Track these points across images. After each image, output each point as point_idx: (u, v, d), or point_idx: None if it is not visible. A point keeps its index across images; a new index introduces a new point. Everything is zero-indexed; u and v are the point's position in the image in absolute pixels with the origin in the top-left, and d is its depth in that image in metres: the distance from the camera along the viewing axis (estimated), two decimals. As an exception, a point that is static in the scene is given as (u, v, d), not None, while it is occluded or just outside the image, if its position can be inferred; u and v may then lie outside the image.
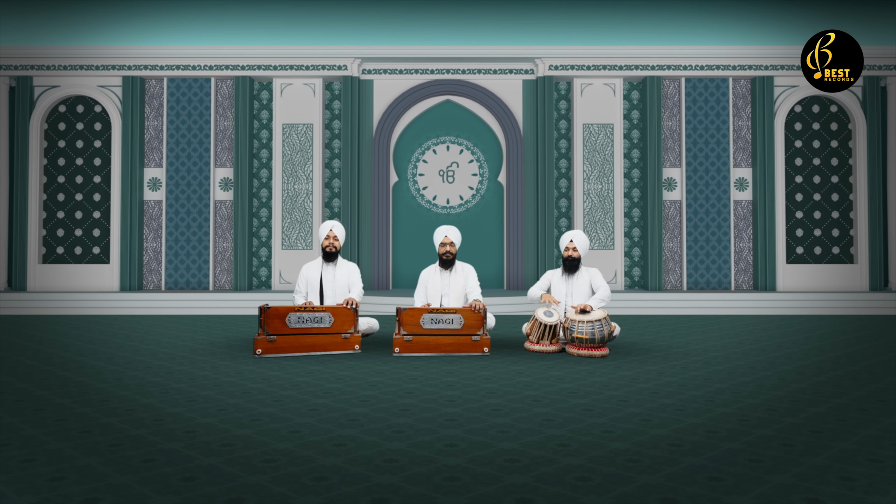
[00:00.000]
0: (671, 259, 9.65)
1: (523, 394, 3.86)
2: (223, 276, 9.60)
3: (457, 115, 9.87)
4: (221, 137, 9.63)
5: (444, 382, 4.18)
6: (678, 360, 5.10)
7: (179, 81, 9.57)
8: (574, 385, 4.11)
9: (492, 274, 9.76)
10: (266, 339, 5.15)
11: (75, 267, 9.51)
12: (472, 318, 5.26)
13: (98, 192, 9.58)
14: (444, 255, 5.74)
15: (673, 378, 4.34)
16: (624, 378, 4.34)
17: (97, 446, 2.78)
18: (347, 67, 9.55)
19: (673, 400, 3.68)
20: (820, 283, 9.59)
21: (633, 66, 9.56)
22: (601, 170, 9.62)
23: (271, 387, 4.03)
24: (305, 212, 9.57)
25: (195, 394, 3.84)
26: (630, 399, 3.71)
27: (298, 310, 5.21)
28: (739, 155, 9.67)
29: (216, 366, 4.78)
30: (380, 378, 4.34)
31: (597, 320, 5.23)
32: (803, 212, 9.65)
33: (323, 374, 4.45)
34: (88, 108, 9.61)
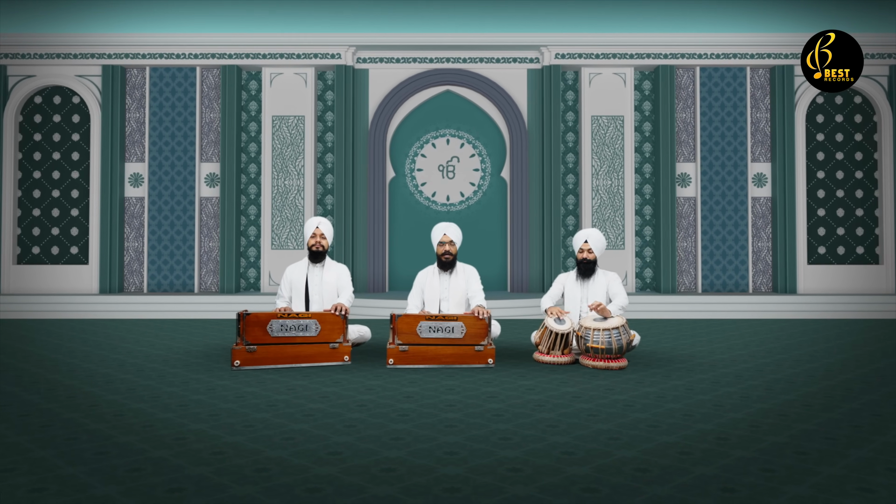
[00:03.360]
0: (685, 259, 9.17)
1: (536, 416, 3.33)
2: (209, 278, 9.10)
3: (457, 107, 9.40)
4: (207, 130, 9.17)
5: (443, 402, 3.66)
6: (705, 372, 4.59)
7: (163, 71, 9.11)
8: (593, 405, 3.57)
9: (494, 275, 9.28)
10: (245, 350, 4.67)
11: (52, 268, 9.05)
12: (475, 325, 4.75)
13: (76, 189, 9.11)
14: (443, 255, 5.18)
15: (705, 396, 3.81)
16: (649, 396, 3.81)
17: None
18: (341, 56, 9.10)
19: (711, 425, 3.15)
20: (843, 284, 9.13)
21: (644, 54, 9.10)
22: (611, 165, 9.16)
23: (245, 407, 3.51)
24: (296, 209, 9.09)
25: (154, 417, 3.30)
26: (661, 424, 3.17)
27: (281, 316, 4.70)
28: (758, 149, 9.20)
29: (187, 380, 4.28)
30: (370, 395, 3.81)
31: (614, 328, 4.71)
32: (825, 209, 9.19)
33: (306, 391, 3.92)
34: (66, 99, 9.15)
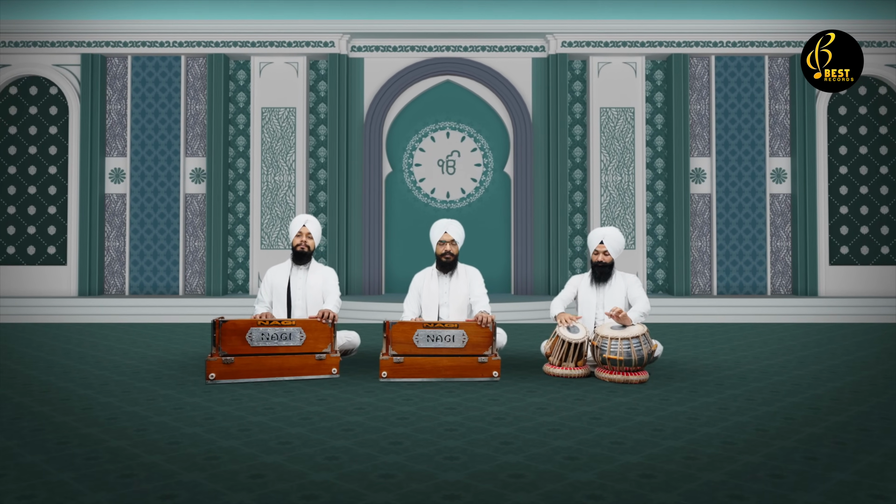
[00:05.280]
0: (699, 260, 8.71)
1: (551, 444, 2.83)
2: (194, 280, 8.64)
3: (458, 98, 8.95)
4: (193, 123, 8.70)
5: (442, 426, 3.15)
6: (735, 386, 4.09)
7: (145, 60, 8.63)
8: (616, 430, 3.06)
9: (497, 277, 8.80)
10: (221, 361, 4.20)
11: (28, 269, 8.59)
12: (479, 334, 4.25)
13: (54, 185, 8.65)
14: (443, 255, 4.67)
15: (742, 417, 3.31)
16: (678, 417, 3.31)
17: None
18: (335, 44, 8.63)
19: (758, 457, 2.64)
20: (867, 286, 8.65)
21: (656, 42, 8.63)
22: (621, 159, 8.70)
23: (211, 433, 3.01)
24: (287, 207, 8.63)
25: (103, 445, 2.80)
26: (699, 454, 2.67)
27: (262, 324, 4.21)
28: (776, 143, 8.73)
29: (154, 396, 3.81)
30: (358, 417, 3.30)
31: (634, 337, 4.22)
32: (848, 207, 8.71)
33: (285, 411, 3.42)
34: (43, 89, 8.68)
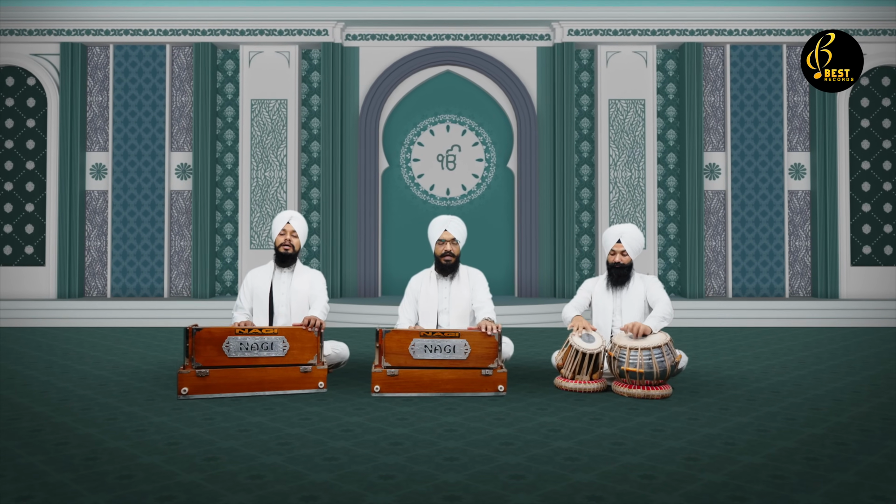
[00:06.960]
0: (714, 260, 8.44)
1: (570, 479, 2.39)
2: (180, 281, 8.33)
3: (459, 90, 8.71)
4: (178, 116, 8.43)
5: (441, 452, 2.71)
6: (769, 402, 3.68)
7: (128, 49, 8.35)
8: (644, 459, 2.62)
9: (500, 278, 8.52)
10: (195, 374, 3.80)
11: (4, 270, 8.29)
12: (482, 344, 3.83)
13: (32, 181, 8.36)
14: (443, 256, 4.22)
15: (787, 442, 2.86)
16: (712, 440, 2.88)
17: None
18: (328, 32, 8.36)
19: (810, 497, 2.19)
20: (890, 288, 8.36)
21: (668, 30, 8.37)
22: (630, 154, 8.41)
23: (174, 462, 2.58)
24: (278, 204, 8.38)
25: (43, 478, 2.36)
26: (744, 488, 2.21)
27: (240, 332, 3.78)
28: (795, 136, 8.46)
29: (115, 416, 3.39)
30: (344, 442, 2.86)
31: (655, 347, 3.81)
32: (871, 204, 8.44)
33: (262, 434, 3.00)
34: (20, 80, 8.39)
